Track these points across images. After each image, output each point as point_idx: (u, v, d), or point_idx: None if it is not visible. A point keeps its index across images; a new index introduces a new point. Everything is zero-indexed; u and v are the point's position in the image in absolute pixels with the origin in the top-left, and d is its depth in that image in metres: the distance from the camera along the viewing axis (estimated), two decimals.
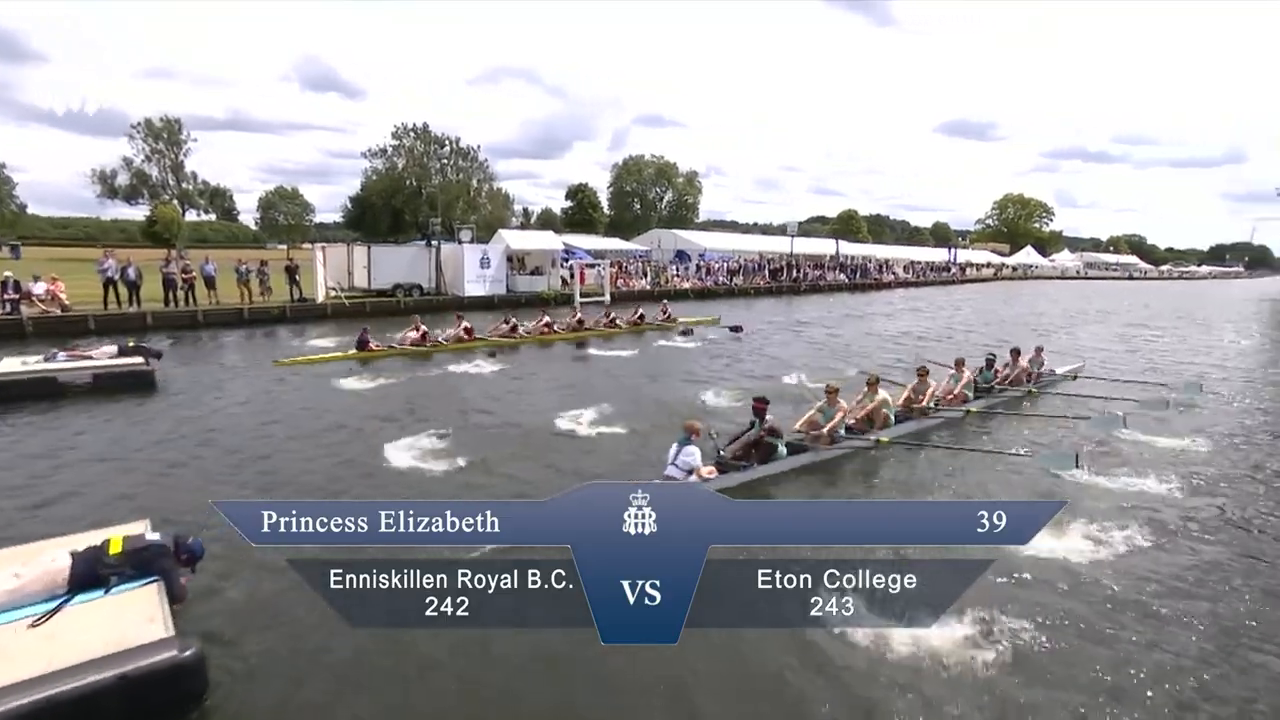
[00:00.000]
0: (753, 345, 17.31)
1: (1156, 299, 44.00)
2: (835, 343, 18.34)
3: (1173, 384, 11.82)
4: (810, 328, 21.79)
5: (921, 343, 18.47)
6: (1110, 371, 13.74)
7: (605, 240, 46.66)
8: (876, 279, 47.89)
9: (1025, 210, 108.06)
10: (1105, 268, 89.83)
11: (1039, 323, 25.50)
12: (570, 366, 14.22)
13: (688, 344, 17.23)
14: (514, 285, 26.62)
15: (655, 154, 77.69)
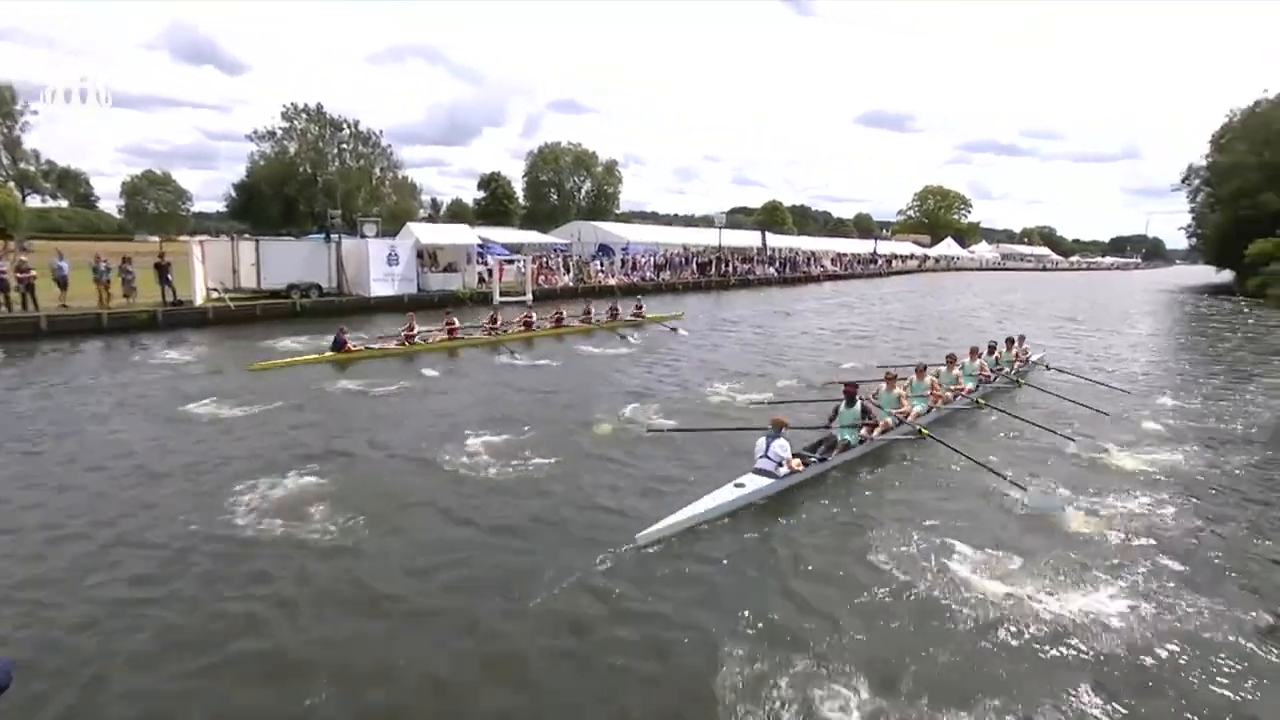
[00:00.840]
0: (683, 349, 17.23)
1: (1072, 291, 47.90)
2: (771, 345, 18.38)
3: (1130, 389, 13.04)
4: (740, 327, 22.06)
5: (864, 343, 18.96)
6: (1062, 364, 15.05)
7: (522, 233, 45.75)
8: (805, 272, 49.47)
9: (945, 202, 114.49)
10: (1021, 259, 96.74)
11: (975, 319, 26.57)
12: (499, 374, 13.84)
13: (620, 348, 16.97)
14: (426, 284, 25.72)
15: (573, 141, 77.26)
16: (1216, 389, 13.57)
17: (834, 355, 16.70)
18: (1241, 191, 45.21)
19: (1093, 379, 13.22)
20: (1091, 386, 12.51)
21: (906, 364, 11.56)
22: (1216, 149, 51.10)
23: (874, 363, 14.35)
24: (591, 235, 42.55)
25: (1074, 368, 14.51)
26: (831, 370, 13.89)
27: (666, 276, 36.12)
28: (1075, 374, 13.74)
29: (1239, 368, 16.38)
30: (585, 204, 76.07)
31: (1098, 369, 14.99)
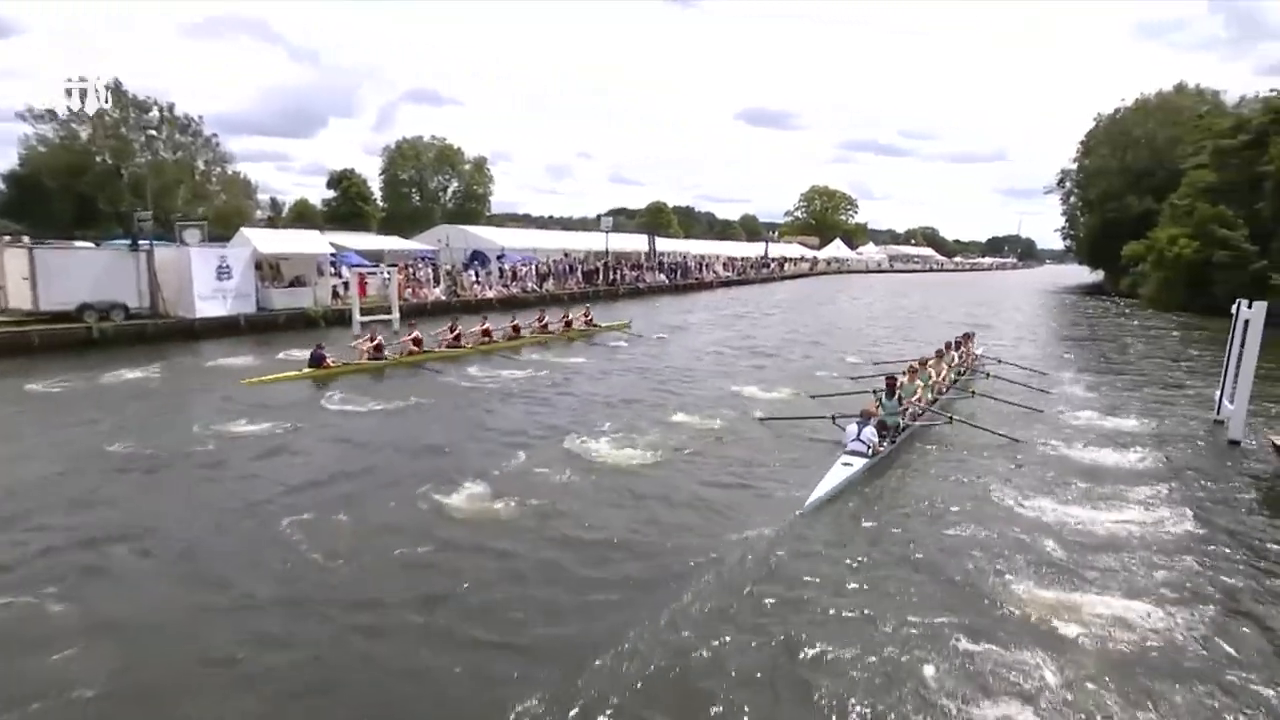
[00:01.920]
0: (562, 377, 15.81)
1: (966, 293, 51.90)
2: (670, 370, 17.01)
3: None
4: (635, 346, 20.86)
5: (772, 362, 18.41)
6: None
7: (382, 239, 43.58)
8: (698, 278, 50.29)
9: (832, 202, 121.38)
10: (908, 260, 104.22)
11: (880, 329, 27.15)
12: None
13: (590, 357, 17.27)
14: (268, 301, 23.45)
15: (436, 136, 74.75)
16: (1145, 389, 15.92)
17: (743, 378, 15.57)
18: (1108, 194, 50.84)
19: (1028, 384, 15.10)
20: (1026, 388, 14.65)
21: (835, 377, 14.78)
22: (1085, 154, 57.22)
23: (796, 389, 14.14)
24: (462, 240, 41.12)
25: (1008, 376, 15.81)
26: (747, 403, 13.34)
27: (550, 287, 35.33)
28: (1016, 364, 16.91)
29: (1162, 373, 18.16)
30: (452, 206, 73.75)
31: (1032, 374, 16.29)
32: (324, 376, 14.93)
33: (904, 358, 16.04)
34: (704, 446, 10.43)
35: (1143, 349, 22.67)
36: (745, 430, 11.49)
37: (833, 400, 12.73)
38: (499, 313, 28.03)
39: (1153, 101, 53.38)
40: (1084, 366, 18.65)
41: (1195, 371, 18.10)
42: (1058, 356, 20.40)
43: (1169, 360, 20.13)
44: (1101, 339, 25.02)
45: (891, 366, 14.82)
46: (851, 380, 15.04)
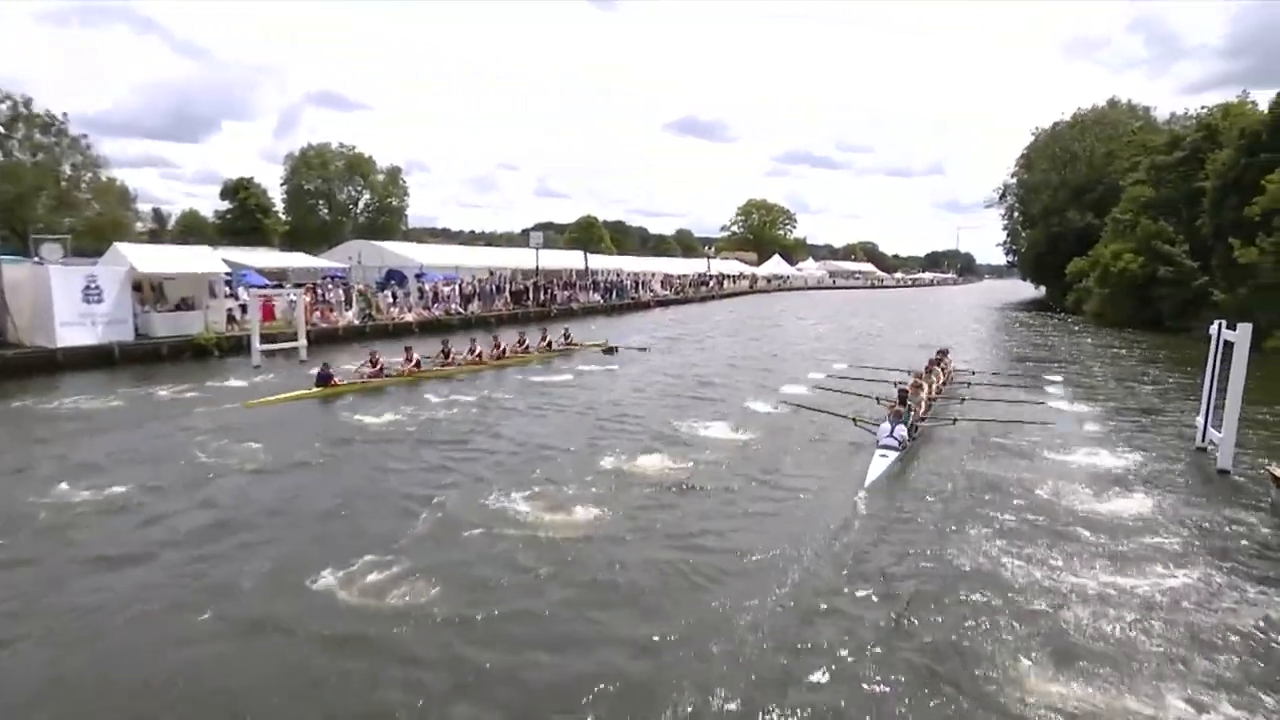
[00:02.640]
0: (494, 417, 14.44)
1: (912, 311, 53.19)
2: (609, 409, 15.30)
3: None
4: (563, 379, 19.27)
5: (725, 396, 17.12)
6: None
7: (286, 255, 41.55)
8: (635, 298, 49.92)
9: (770, 217, 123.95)
10: (849, 276, 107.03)
11: (833, 353, 26.16)
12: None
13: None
14: (148, 327, 21.62)
15: (344, 143, 72.57)
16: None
17: (693, 416, 14.26)
18: (1049, 209, 53.26)
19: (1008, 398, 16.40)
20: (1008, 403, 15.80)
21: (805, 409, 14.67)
22: (1025, 168, 59.96)
23: (763, 435, 13.16)
24: (376, 258, 39.68)
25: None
26: (698, 448, 12.41)
27: (476, 309, 34.23)
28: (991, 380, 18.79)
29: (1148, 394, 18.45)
30: (365, 219, 71.71)
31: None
32: (329, 395, 15.95)
33: (871, 391, 16.06)
34: (738, 455, 11.85)
35: (1106, 369, 23.21)
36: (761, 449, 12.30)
37: (827, 408, 14.49)
38: (418, 336, 26.89)
39: (1089, 117, 56.45)
40: (1054, 388, 18.88)
41: (1166, 394, 18.44)
42: (1027, 377, 20.71)
43: (1133, 381, 20.61)
44: (1065, 360, 25.48)
45: (866, 385, 16.75)
46: (839, 393, 16.56)
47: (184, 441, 12.11)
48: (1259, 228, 28.30)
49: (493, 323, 32.75)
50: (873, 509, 9.42)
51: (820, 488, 10.29)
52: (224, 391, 16.43)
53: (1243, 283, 29.76)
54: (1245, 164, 31.18)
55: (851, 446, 12.29)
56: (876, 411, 13.94)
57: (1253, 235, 28.39)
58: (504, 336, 22.57)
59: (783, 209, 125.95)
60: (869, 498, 9.87)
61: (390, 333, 27.35)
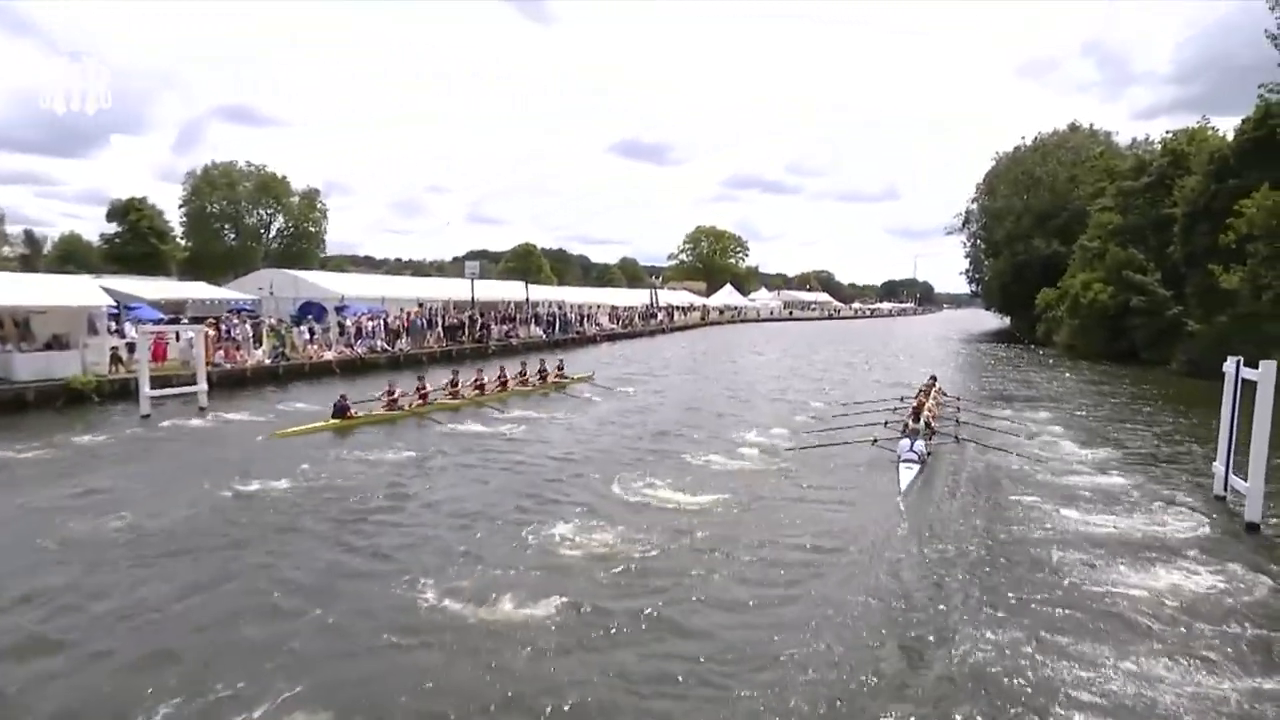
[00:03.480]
0: (431, 466, 13.68)
1: (875, 342, 53.92)
2: (554, 464, 14.00)
3: None
4: (499, 428, 17.43)
5: (686, 451, 15.52)
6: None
7: (185, 286, 39.89)
8: (579, 331, 49.18)
9: (720, 244, 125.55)
10: (805, 307, 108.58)
11: (799, 392, 25.69)
12: None
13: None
14: (8, 369, 19.84)
15: (254, 162, 70.64)
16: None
17: (653, 474, 12.88)
18: (1014, 236, 54.78)
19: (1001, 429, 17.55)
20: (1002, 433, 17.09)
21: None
22: (986, 193, 61.78)
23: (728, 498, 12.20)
24: (290, 288, 38.55)
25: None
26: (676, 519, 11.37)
27: (406, 345, 32.93)
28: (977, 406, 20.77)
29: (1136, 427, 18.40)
30: (278, 246, 69.77)
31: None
32: (345, 427, 17.01)
33: (858, 436, 15.85)
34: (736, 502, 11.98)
35: (1096, 407, 23.06)
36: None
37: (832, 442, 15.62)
38: (341, 378, 25.54)
39: (1051, 141, 58.63)
40: (1046, 427, 19.01)
41: (1169, 435, 18.16)
42: (1015, 411, 20.97)
43: (1128, 421, 20.46)
44: (1052, 398, 25.32)
45: (852, 428, 16.64)
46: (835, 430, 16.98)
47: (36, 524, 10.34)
48: (1233, 255, 29.11)
49: (424, 361, 31.47)
50: (913, 513, 11.46)
51: (865, 498, 12.26)
52: (95, 450, 14.85)
53: (1218, 311, 30.63)
54: (1214, 190, 32.33)
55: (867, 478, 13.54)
56: (868, 451, 14.93)
57: (1227, 262, 29.22)
58: (509, 368, 24.01)
59: (733, 236, 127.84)
60: (906, 503, 11.90)
61: (307, 373, 25.97)
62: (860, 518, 11.13)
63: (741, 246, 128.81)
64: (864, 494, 12.42)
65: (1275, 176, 28.57)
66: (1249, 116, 31.74)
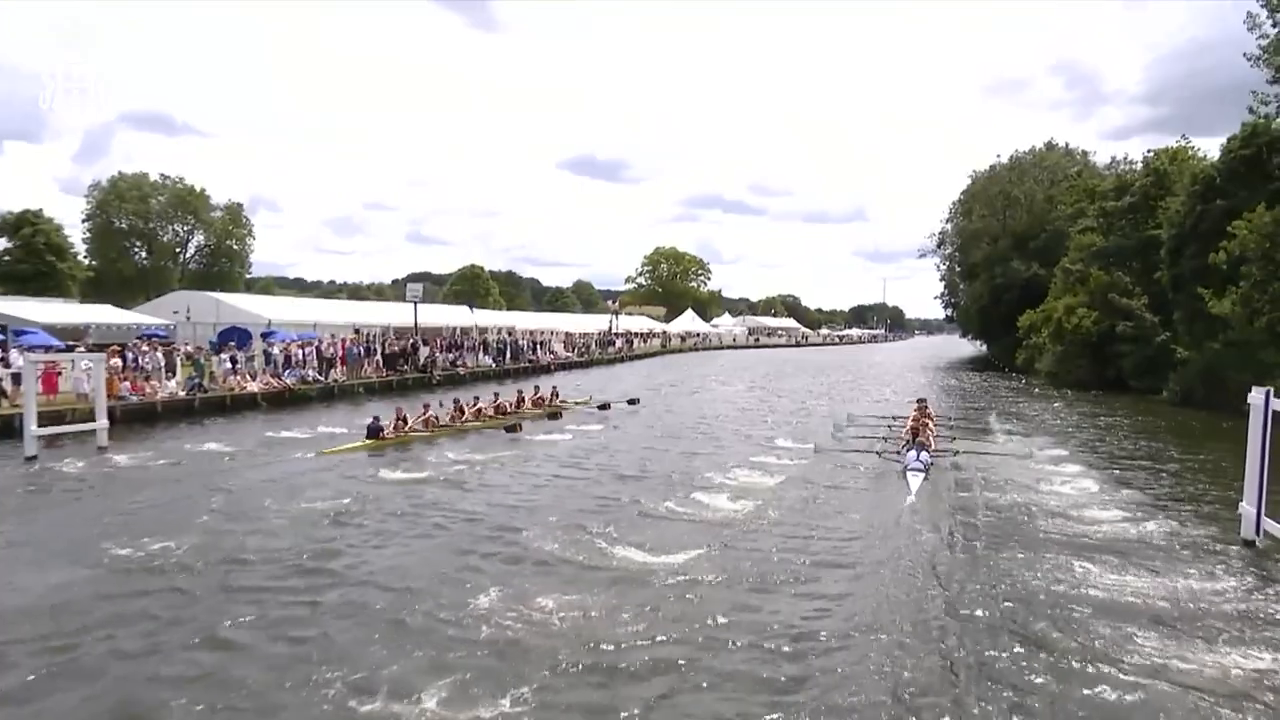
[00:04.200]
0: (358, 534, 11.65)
1: (850, 371, 54.05)
2: (509, 528, 11.87)
3: None
4: (442, 474, 15.82)
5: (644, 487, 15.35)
6: None
7: (87, 309, 38.47)
8: (532, 360, 48.34)
9: (680, 266, 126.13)
10: (770, 333, 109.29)
11: (771, 426, 25.42)
12: None
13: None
14: None
15: (169, 174, 68.81)
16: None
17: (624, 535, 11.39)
18: (992, 258, 55.58)
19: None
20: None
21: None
22: (962, 213, 62.79)
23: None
24: (210, 312, 37.58)
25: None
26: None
27: (340, 375, 31.76)
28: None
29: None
30: (197, 266, 67.93)
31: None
32: (378, 446, 18.20)
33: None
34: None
35: (1098, 440, 22.70)
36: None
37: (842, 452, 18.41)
38: (268, 411, 24.31)
39: (1027, 159, 59.89)
40: (1049, 457, 18.93)
41: (1178, 471, 17.82)
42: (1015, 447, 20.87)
43: (1131, 455, 20.13)
44: (1055, 432, 24.93)
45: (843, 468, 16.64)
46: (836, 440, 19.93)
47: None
48: (1222, 279, 29.38)
49: (360, 392, 30.37)
50: (926, 512, 13.20)
51: (876, 504, 14.02)
52: None
53: (1209, 338, 31.04)
54: (1201, 211, 32.89)
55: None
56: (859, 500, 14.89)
57: (1216, 286, 29.54)
58: (505, 394, 25.66)
59: (694, 258, 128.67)
60: (917, 505, 13.63)
61: (227, 407, 24.74)
62: (881, 517, 12.89)
63: (703, 269, 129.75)
64: (876, 500, 14.30)
65: (1264, 197, 29.24)
66: (1235, 135, 32.40)
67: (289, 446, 18.31)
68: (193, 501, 13.39)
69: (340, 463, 16.76)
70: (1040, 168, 59.58)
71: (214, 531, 11.44)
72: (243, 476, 15.42)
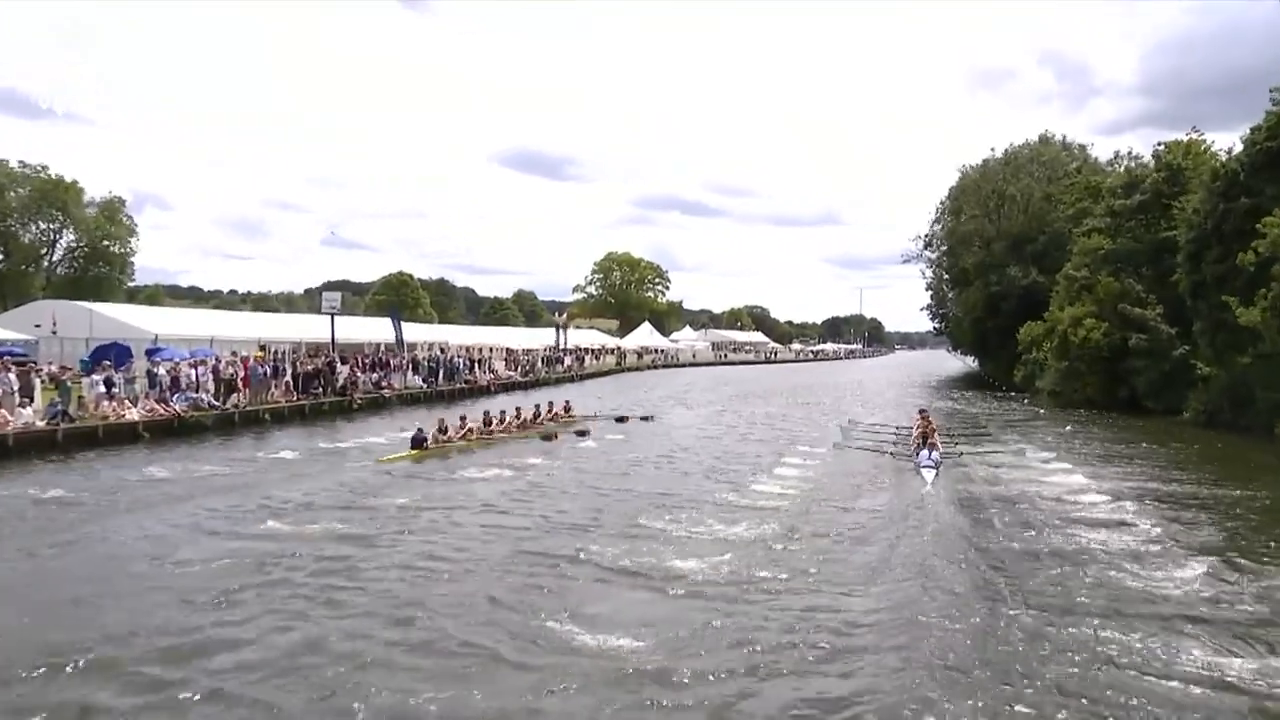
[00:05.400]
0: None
1: (834, 392, 53.80)
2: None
3: None
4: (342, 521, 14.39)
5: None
6: None
7: None
8: (469, 380, 47.16)
9: (635, 275, 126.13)
10: (737, 348, 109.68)
11: (746, 468, 24.08)
12: None
13: None
14: None
15: (30, 163, 66.38)
16: None
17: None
18: (987, 264, 55.84)
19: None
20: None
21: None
22: (952, 213, 63.18)
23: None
24: (82, 325, 36.59)
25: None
26: None
27: (242, 399, 30.14)
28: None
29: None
30: (66, 271, 65.54)
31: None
32: (421, 456, 21.46)
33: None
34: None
35: (1127, 470, 21.67)
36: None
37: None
38: (147, 446, 22.69)
39: (1023, 154, 60.50)
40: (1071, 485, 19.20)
41: (1231, 509, 17.15)
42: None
43: (1174, 492, 19.24)
44: (1075, 461, 24.34)
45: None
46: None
47: None
48: (1248, 285, 29.22)
49: (266, 419, 28.81)
50: (944, 499, 16.79)
51: (895, 497, 17.51)
52: None
53: (1235, 351, 31.03)
54: (1224, 210, 32.93)
55: None
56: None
57: (1243, 293, 29.43)
58: (525, 408, 28.69)
59: (651, 265, 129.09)
60: (932, 496, 17.07)
61: (100, 439, 22.98)
62: (897, 504, 16.64)
63: (660, 277, 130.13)
64: (897, 489, 18.19)
65: None
66: (1259, 125, 32.56)
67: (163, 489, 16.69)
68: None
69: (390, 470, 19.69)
70: (1037, 163, 60.27)
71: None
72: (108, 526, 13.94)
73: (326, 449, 23.81)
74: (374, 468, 20.01)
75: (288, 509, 15.40)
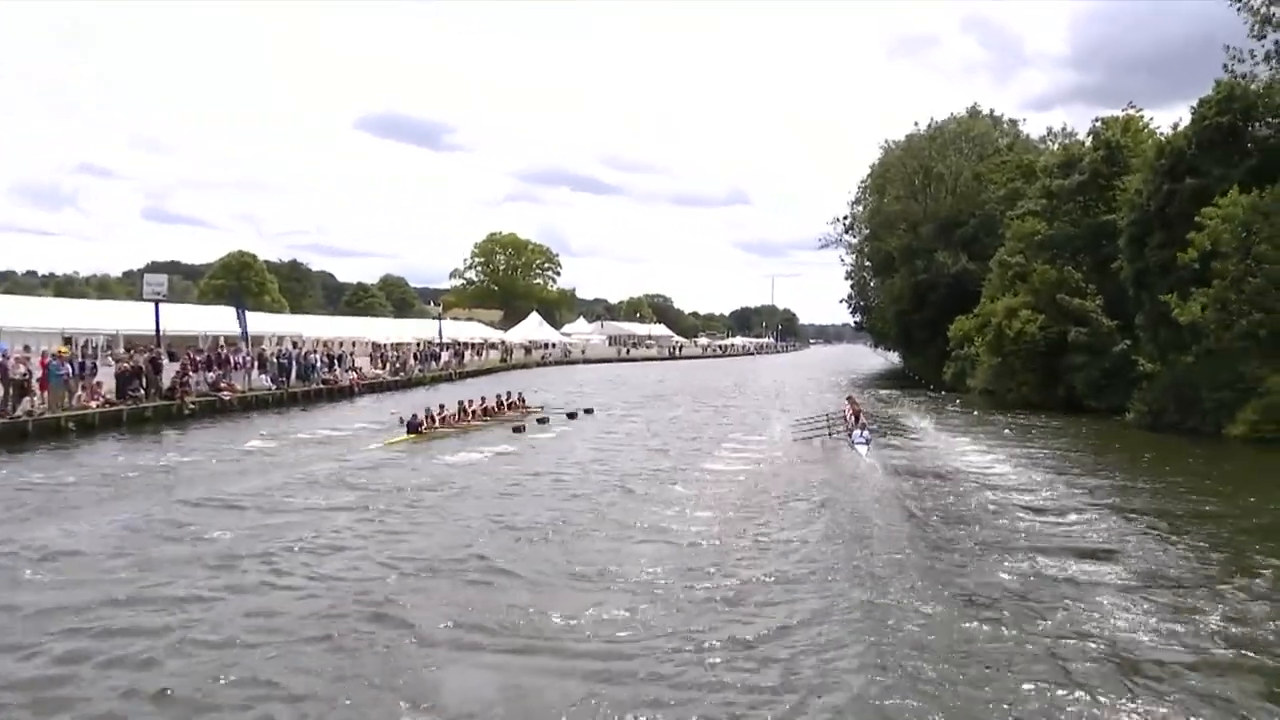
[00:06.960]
0: None
1: (745, 396, 53.27)
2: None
3: None
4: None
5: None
6: None
7: None
8: (329, 380, 45.48)
9: (521, 259, 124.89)
10: (637, 343, 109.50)
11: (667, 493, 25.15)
12: None
13: None
14: None
15: None
16: None
17: None
18: (912, 249, 56.72)
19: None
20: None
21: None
22: (874, 192, 64.03)
23: None
24: None
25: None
26: None
27: (39, 404, 28.07)
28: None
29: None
30: None
31: None
32: (417, 440, 26.69)
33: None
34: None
35: (1088, 482, 21.82)
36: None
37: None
38: None
39: (950, 129, 61.68)
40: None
41: (1182, 515, 17.43)
42: None
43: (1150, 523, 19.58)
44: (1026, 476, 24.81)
45: None
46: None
47: None
48: (1196, 276, 29.89)
49: (71, 429, 26.77)
50: (880, 469, 22.60)
51: (836, 472, 22.59)
52: None
53: (1179, 347, 31.92)
54: (1169, 191, 33.79)
55: None
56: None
57: (1187, 283, 30.19)
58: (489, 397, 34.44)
59: (539, 247, 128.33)
60: (867, 470, 22.51)
61: None
62: (839, 475, 22.07)
63: (550, 262, 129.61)
64: (837, 464, 23.78)
65: (1240, 176, 30.15)
66: (1208, 98, 33.40)
67: None
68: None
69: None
70: (965, 139, 61.49)
71: None
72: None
73: (149, 466, 21.88)
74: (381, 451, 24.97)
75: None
